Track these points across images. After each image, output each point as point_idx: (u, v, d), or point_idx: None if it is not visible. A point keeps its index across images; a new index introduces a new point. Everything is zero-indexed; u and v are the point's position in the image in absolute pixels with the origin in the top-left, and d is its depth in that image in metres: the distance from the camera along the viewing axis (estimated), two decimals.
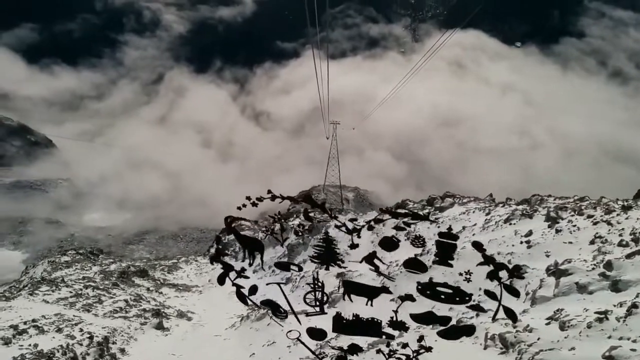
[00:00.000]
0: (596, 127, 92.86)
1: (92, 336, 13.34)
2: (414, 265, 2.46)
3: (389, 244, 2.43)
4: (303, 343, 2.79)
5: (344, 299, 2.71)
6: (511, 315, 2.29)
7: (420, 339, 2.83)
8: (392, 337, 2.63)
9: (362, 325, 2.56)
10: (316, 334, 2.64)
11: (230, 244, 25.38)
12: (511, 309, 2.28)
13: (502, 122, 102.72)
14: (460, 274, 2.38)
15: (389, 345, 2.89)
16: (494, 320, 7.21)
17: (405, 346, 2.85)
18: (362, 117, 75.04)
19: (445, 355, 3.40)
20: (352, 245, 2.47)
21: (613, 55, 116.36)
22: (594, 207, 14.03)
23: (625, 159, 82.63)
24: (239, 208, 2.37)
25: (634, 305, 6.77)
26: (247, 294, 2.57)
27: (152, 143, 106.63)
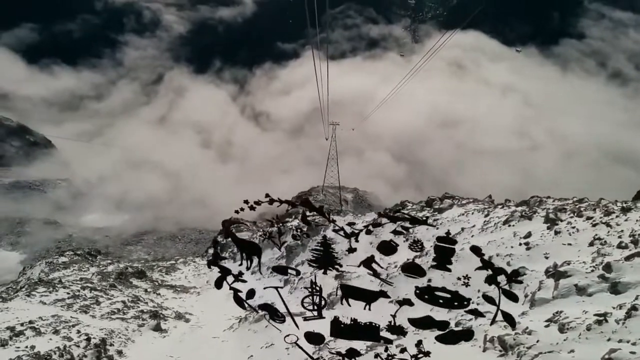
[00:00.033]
0: (596, 128, 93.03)
1: (89, 338, 13.28)
2: (412, 269, 2.44)
3: (387, 248, 2.42)
4: (301, 348, 2.77)
5: (342, 304, 2.70)
6: (510, 320, 2.28)
7: (419, 343, 2.81)
8: (390, 341, 2.62)
9: (360, 330, 2.54)
10: (314, 339, 2.62)
11: (229, 245, 25.28)
12: (510, 314, 2.26)
13: (501, 123, 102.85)
14: (459, 278, 2.36)
15: (387, 349, 2.87)
16: (492, 324, 7.19)
17: (403, 350, 2.83)
18: (361, 117, 75.25)
19: (443, 357, 3.38)
20: (350, 250, 2.46)
21: (613, 56, 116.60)
22: (593, 209, 14.01)
23: (624, 160, 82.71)
24: (237, 212, 2.36)
25: (634, 307, 6.76)
26: (244, 298, 2.56)
27: (151, 143, 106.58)
